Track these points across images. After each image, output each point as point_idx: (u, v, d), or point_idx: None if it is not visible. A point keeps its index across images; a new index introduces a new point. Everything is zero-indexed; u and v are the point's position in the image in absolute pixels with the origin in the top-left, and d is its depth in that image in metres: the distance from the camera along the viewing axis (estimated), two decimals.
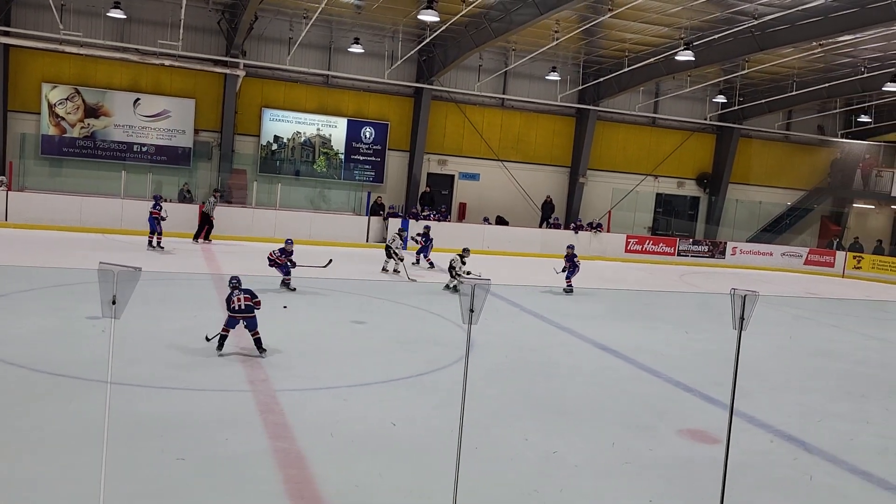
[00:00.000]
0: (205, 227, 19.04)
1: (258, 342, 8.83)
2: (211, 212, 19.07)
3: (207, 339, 8.91)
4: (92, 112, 21.47)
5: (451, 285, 14.55)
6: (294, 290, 12.88)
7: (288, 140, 23.41)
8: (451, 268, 14.65)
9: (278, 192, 21.81)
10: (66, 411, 6.63)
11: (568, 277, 15.55)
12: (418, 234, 18.67)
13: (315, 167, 23.85)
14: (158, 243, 17.10)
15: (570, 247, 16.06)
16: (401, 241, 16.86)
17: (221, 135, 22.42)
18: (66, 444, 5.89)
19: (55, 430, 6.20)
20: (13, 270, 13.12)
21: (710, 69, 23.17)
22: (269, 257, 12.91)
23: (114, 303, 3.73)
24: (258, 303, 8.84)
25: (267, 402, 7.36)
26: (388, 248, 16.70)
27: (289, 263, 12.81)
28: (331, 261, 14.11)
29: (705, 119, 27.14)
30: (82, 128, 21.45)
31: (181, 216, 19.55)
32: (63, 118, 21.25)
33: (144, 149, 21.98)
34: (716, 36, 18.88)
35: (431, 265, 18.12)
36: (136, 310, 4.12)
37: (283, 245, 13.02)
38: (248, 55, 22.14)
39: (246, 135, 23.00)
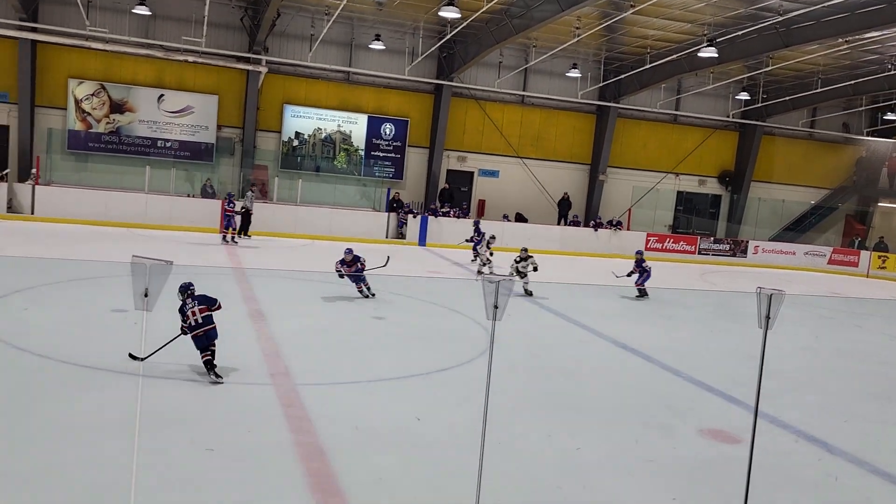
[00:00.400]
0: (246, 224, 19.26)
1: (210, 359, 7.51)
2: (251, 207, 19.23)
3: (133, 358, 7.55)
4: (117, 108, 21.74)
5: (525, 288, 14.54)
6: (373, 295, 12.49)
7: (309, 136, 23.54)
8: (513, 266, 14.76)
9: (299, 187, 21.94)
10: (95, 402, 6.73)
11: (640, 283, 15.38)
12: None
13: (335, 163, 23.96)
14: (233, 238, 18.20)
15: (639, 252, 15.87)
16: (485, 245, 17.09)
17: (244, 131, 22.61)
18: (95, 434, 5.99)
19: (84, 420, 6.30)
20: (41, 263, 13.33)
21: (734, 66, 22.95)
22: (336, 270, 12.65)
23: (146, 296, 3.80)
24: (219, 307, 7.73)
25: (288, 395, 7.43)
26: (475, 250, 17.41)
27: (359, 266, 12.40)
28: (389, 258, 14.04)
29: (728, 116, 26.89)
30: (108, 123, 21.73)
31: (203, 210, 19.81)
32: (89, 113, 21.54)
33: (168, 144, 22.22)
34: (739, 32, 18.71)
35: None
36: (160, 303, 4.17)
37: (342, 256, 12.57)
38: (270, 52, 22.29)
39: (267, 131, 23.17)
